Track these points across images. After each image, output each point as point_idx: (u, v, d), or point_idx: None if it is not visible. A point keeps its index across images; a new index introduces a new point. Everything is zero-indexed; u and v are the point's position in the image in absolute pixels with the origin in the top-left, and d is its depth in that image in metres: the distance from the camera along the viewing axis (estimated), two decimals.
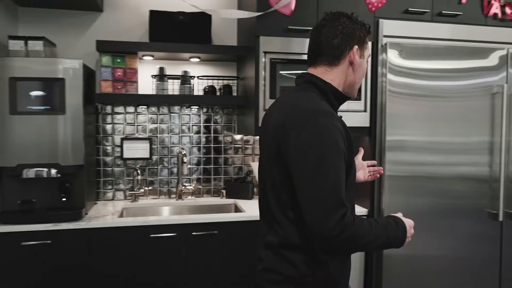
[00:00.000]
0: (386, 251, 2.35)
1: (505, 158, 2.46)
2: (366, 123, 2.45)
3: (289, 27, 2.34)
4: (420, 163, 2.40)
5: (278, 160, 1.18)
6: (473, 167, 2.48)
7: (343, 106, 2.39)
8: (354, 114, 2.43)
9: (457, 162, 2.46)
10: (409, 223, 1.26)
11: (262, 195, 1.32)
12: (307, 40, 1.33)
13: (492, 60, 2.48)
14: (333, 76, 1.26)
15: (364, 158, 2.52)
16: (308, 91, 1.25)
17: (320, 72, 1.27)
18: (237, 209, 2.65)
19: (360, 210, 2.46)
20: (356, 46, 1.25)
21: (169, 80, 2.69)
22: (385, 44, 2.37)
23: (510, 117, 2.50)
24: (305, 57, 2.33)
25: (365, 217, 2.44)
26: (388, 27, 2.42)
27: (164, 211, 2.69)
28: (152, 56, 2.65)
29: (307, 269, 1.20)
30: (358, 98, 2.43)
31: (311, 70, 1.29)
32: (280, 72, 2.36)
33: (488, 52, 2.47)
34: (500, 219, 2.48)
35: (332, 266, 1.22)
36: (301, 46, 2.36)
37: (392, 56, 2.34)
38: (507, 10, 2.61)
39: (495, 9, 2.59)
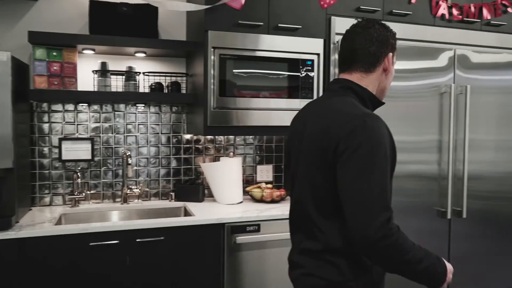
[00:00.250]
0: None
1: (453, 156, 2.51)
2: None
3: (239, 21, 2.25)
4: None
5: (322, 165, 1.18)
6: (423, 165, 2.50)
7: (296, 104, 2.34)
8: None
9: (407, 160, 2.47)
10: (449, 267, 1.21)
11: (297, 202, 1.31)
12: (260, 36, 1.28)
13: (441, 60, 2.51)
14: (368, 82, 1.30)
15: None
16: (346, 97, 1.27)
17: (356, 78, 1.29)
18: (186, 213, 2.53)
19: None
20: (390, 53, 1.30)
21: (112, 76, 2.52)
22: (337, 42, 2.33)
23: (458, 116, 2.54)
24: (258, 53, 2.28)
25: None
26: (341, 24, 2.39)
27: (108, 217, 2.51)
28: (93, 50, 2.46)
29: (350, 273, 1.19)
30: (311, 97, 2.38)
31: (346, 76, 1.31)
32: (234, 71, 2.26)
33: (437, 53, 2.50)
34: (448, 217, 2.53)
35: (375, 271, 1.22)
36: (252, 42, 2.27)
37: None
38: (454, 11, 2.66)
39: (443, 10, 2.63)
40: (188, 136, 2.78)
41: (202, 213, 2.31)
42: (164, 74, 2.63)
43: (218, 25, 2.23)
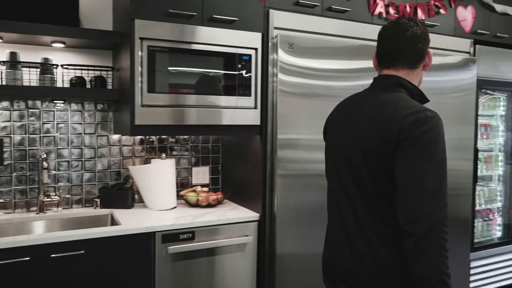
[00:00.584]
0: (279, 249, 2.21)
1: None
2: (257, 121, 2.27)
3: (170, 10, 2.05)
4: (312, 161, 2.30)
5: (381, 154, 1.20)
6: None
7: (233, 102, 2.19)
8: (244, 111, 2.24)
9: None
10: None
11: (346, 203, 1.32)
12: (193, 28, 1.14)
13: None
14: (412, 78, 1.34)
15: (255, 157, 2.36)
16: (399, 93, 1.30)
17: (403, 74, 1.33)
18: (113, 221, 2.28)
19: (250, 215, 2.27)
20: (430, 50, 1.35)
21: (24, 69, 2.21)
22: (276, 36, 2.21)
23: None
24: (192, 46, 2.10)
25: (256, 222, 2.27)
26: (279, 18, 2.27)
27: (20, 229, 2.20)
28: (0, 38, 2.15)
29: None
30: (248, 94, 2.24)
31: (392, 72, 1.34)
32: (164, 65, 2.06)
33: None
34: None
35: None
36: (185, 33, 2.09)
37: (283, 55, 2.19)
38: (391, 10, 2.65)
39: (380, 8, 2.61)
40: (115, 137, 2.53)
41: (130, 222, 2.09)
42: (86, 68, 2.36)
43: (146, 14, 2.02)
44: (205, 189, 2.53)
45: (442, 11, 2.86)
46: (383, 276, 1.23)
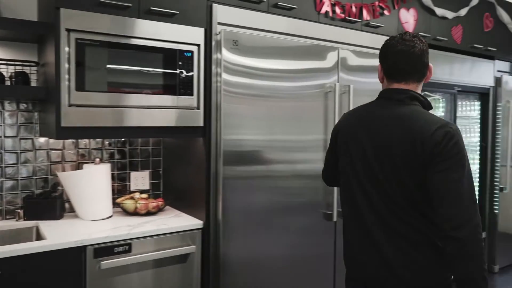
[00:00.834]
0: (224, 258, 2.09)
1: None
2: (200, 122, 2.12)
3: (101, 0, 1.86)
4: (258, 162, 2.20)
5: (413, 167, 1.30)
6: (308, 164, 2.40)
7: (173, 101, 2.03)
8: (186, 111, 2.08)
9: (294, 160, 2.34)
10: None
11: (369, 210, 1.39)
12: (129, 20, 1.02)
13: (326, 59, 2.44)
14: (418, 90, 1.46)
15: (198, 160, 2.22)
16: (414, 106, 1.40)
17: (413, 87, 1.44)
18: (39, 235, 2.04)
19: (194, 223, 2.12)
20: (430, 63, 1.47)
21: None
22: (220, 32, 2.08)
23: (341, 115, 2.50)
24: (127, 40, 1.90)
25: (200, 230, 2.13)
26: (223, 13, 2.14)
27: None
28: None
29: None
30: (190, 93, 2.09)
31: (403, 86, 1.44)
32: (96, 60, 1.86)
33: (322, 52, 2.42)
34: (334, 219, 2.47)
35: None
36: (119, 26, 1.90)
37: (228, 53, 2.07)
38: (337, 9, 2.61)
39: (327, 7, 2.56)
40: (42, 140, 2.27)
41: (57, 235, 1.86)
42: (5, 62, 2.09)
43: (74, 3, 1.81)
44: (144, 195, 2.34)
45: (386, 12, 2.87)
46: (410, 278, 1.34)
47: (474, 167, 3.76)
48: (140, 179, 2.53)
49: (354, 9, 2.69)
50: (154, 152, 2.59)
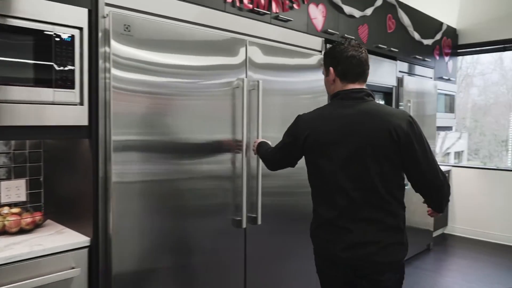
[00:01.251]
0: (117, 272, 1.80)
1: (246, 155, 2.29)
2: (84, 121, 1.78)
3: None
4: (156, 165, 1.94)
5: (391, 153, 1.61)
6: (216, 165, 2.20)
7: (48, 95, 1.67)
8: (66, 108, 1.72)
9: (201, 161, 2.12)
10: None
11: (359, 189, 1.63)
12: None
13: (233, 53, 2.24)
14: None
15: (85, 165, 1.89)
16: (371, 101, 1.70)
17: (363, 86, 1.75)
18: None
19: (78, 241, 1.78)
20: None
21: None
22: (108, 14, 1.77)
23: (250, 114, 2.33)
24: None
25: (87, 249, 1.79)
26: None
27: None
28: None
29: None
30: (71, 86, 1.73)
31: (358, 86, 1.72)
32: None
33: (230, 45, 2.22)
34: (244, 226, 2.29)
35: None
36: None
37: (118, 45, 1.77)
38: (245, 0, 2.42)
39: None
40: None
41: None
42: None
43: None
44: (16, 210, 1.93)
45: (295, 6, 2.76)
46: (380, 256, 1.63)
47: None
48: (14, 190, 2.10)
49: (262, 1, 2.53)
50: (33, 156, 2.17)
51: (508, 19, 4.64)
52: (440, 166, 1.66)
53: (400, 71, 3.96)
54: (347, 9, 3.19)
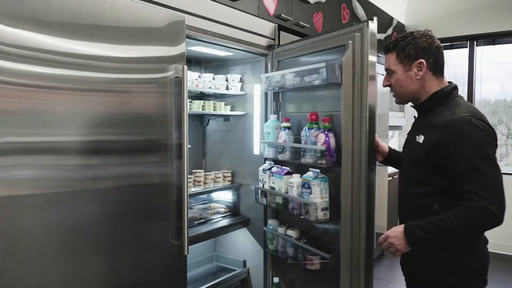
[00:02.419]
0: None
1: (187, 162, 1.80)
2: None
3: None
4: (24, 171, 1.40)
5: None
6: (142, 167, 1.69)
7: None
8: None
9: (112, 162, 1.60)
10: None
11: None
12: None
13: (165, 36, 1.75)
14: None
15: None
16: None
17: None
18: None
19: None
20: None
21: None
22: None
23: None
24: None
25: None
26: None
27: None
28: None
29: None
30: None
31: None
32: None
33: (161, 22, 1.72)
34: (186, 253, 1.80)
35: None
36: None
37: None
38: None
39: None
40: None
41: None
42: None
43: None
44: None
45: None
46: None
47: None
48: None
49: None
50: None
51: (455, 16, 4.55)
52: None
53: None
54: None
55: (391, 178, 4.46)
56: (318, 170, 2.07)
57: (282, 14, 2.62)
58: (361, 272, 1.90)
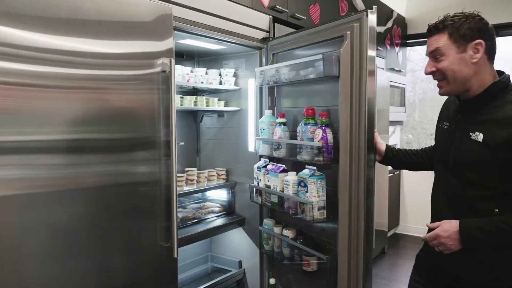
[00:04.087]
0: None
1: (174, 163, 1.71)
2: None
3: None
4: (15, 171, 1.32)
5: None
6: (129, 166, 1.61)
7: None
8: None
9: (100, 161, 1.52)
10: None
11: None
12: None
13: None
14: None
15: None
16: None
17: None
18: None
19: None
20: None
21: None
22: None
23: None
24: None
25: None
26: None
27: None
28: None
29: None
30: None
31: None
32: None
33: (144, 15, 1.63)
34: (175, 255, 1.72)
35: None
36: None
37: None
38: None
39: None
40: None
41: None
42: None
43: None
44: None
45: None
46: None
47: None
48: None
49: None
50: None
51: (457, 8, 4.40)
52: None
53: None
54: None
55: (391, 174, 4.38)
56: (315, 168, 1.98)
57: (277, 6, 2.52)
58: (360, 274, 1.82)
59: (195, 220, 2.44)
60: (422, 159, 1.79)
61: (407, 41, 4.85)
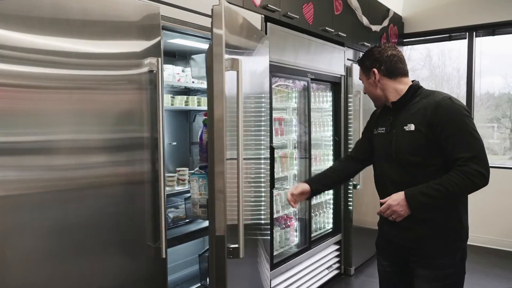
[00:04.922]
0: None
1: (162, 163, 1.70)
2: None
3: None
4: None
5: None
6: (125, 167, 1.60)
7: None
8: None
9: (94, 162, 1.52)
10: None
11: None
12: None
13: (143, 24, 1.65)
14: None
15: None
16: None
17: None
18: None
19: None
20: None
21: None
22: None
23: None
24: None
25: None
26: None
27: None
28: None
29: None
30: None
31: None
32: None
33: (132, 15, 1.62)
34: (163, 255, 1.72)
35: None
36: None
37: None
38: None
39: None
40: None
41: None
42: None
43: None
44: None
45: None
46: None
47: (329, 163, 3.44)
48: None
49: None
50: None
51: (453, 6, 4.42)
52: None
53: (348, 59, 3.55)
54: None
55: None
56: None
57: (269, 5, 2.51)
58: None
59: (187, 220, 2.43)
60: (345, 170, 1.97)
61: (404, 40, 4.83)
